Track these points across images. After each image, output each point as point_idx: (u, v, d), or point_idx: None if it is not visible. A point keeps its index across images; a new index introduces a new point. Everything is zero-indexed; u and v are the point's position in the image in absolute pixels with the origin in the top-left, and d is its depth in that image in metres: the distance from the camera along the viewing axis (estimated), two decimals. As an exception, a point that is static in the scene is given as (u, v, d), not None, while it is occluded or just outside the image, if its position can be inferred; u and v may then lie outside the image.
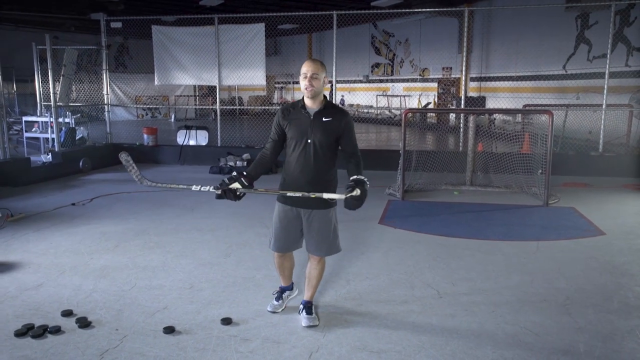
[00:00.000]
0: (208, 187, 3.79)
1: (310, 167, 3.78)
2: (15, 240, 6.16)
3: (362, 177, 3.71)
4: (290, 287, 4.40)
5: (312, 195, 3.69)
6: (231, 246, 5.96)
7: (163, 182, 4.15)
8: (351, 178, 3.72)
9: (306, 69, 3.66)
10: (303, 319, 4.04)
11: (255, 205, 7.63)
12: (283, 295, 4.34)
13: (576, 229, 6.82)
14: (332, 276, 5.04)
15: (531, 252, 5.81)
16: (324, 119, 3.74)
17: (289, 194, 3.75)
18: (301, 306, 4.14)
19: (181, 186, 4.07)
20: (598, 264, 5.43)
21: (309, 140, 3.74)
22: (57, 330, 3.82)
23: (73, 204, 7.99)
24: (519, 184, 8.89)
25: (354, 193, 3.61)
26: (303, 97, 3.78)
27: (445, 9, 15.50)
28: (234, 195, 3.69)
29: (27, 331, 3.79)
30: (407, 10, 15.88)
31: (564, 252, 5.79)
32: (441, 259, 5.58)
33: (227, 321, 4.01)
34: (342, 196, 3.66)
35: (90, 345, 3.65)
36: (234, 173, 3.75)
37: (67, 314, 4.10)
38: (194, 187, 3.86)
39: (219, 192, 3.68)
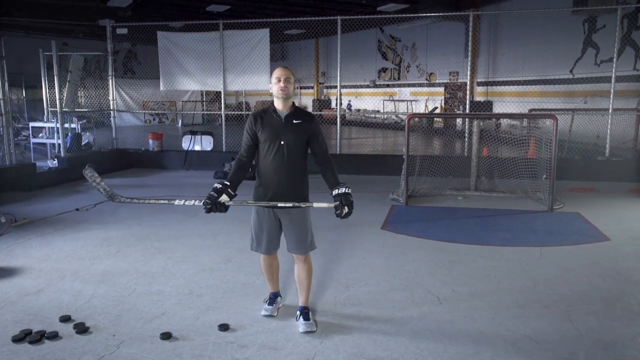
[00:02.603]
0: (193, 201, 3.91)
1: (285, 166, 3.92)
2: (19, 245, 6.18)
3: (344, 188, 3.88)
4: (279, 294, 4.46)
5: (303, 205, 3.90)
6: (232, 252, 5.95)
7: (142, 198, 4.15)
8: (334, 193, 3.89)
9: (279, 73, 3.91)
10: (300, 325, 4.05)
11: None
12: (276, 300, 4.39)
13: (581, 234, 6.76)
14: (332, 282, 5.02)
15: (534, 257, 5.76)
16: (294, 121, 3.94)
17: (280, 204, 3.87)
18: (298, 312, 4.17)
19: (162, 201, 4.14)
20: (602, 270, 5.37)
21: (282, 142, 3.90)
22: (54, 336, 3.83)
23: (77, 210, 8.02)
24: (523, 189, 8.83)
25: (345, 211, 3.82)
26: (273, 102, 3.99)
27: (451, 14, 15.48)
28: (224, 208, 3.80)
29: (25, 337, 3.80)
30: (414, 15, 15.85)
31: (567, 258, 5.73)
32: (443, 264, 5.54)
33: (224, 327, 4.00)
34: (332, 205, 3.84)
35: (86, 351, 3.65)
36: (217, 185, 3.81)
37: (66, 319, 4.11)
38: (176, 202, 3.98)
39: (209, 206, 3.75)
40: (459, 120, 17.91)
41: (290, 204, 3.84)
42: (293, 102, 4.06)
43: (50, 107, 13.42)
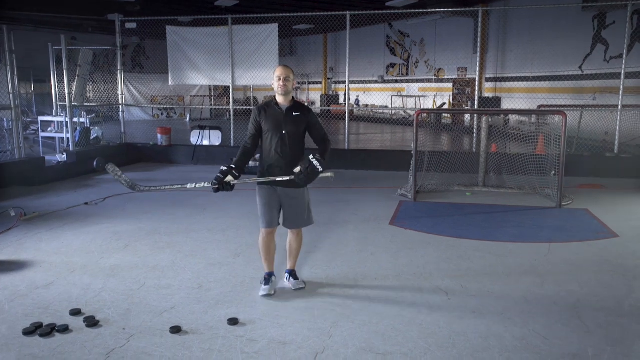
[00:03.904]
0: (203, 183, 4.42)
1: (286, 152, 4.47)
2: (28, 239, 6.22)
3: (315, 161, 4.28)
4: (274, 273, 4.77)
5: (279, 178, 4.42)
6: (241, 246, 5.98)
7: (158, 185, 4.63)
8: (308, 158, 4.33)
9: (280, 73, 4.46)
10: (291, 284, 4.72)
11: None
12: (271, 279, 4.69)
13: (589, 231, 6.75)
14: (341, 277, 5.04)
15: (542, 254, 5.75)
16: (294, 114, 4.51)
17: (278, 178, 4.41)
18: (287, 274, 4.81)
19: (176, 186, 4.67)
20: (610, 266, 5.36)
21: (284, 131, 4.46)
22: (64, 329, 3.86)
23: (86, 204, 8.06)
24: (532, 185, 8.80)
25: (296, 170, 4.31)
26: (275, 97, 4.54)
27: (460, 9, 15.41)
28: (230, 187, 4.30)
29: (36, 330, 3.83)
30: (422, 10, 15.80)
31: (576, 255, 5.72)
32: (451, 260, 5.54)
33: (233, 321, 4.01)
34: (327, 174, 4.41)
35: (97, 345, 3.68)
36: (223, 168, 4.29)
37: (76, 313, 4.14)
38: (189, 185, 4.49)
39: (216, 186, 4.24)
40: (467, 116, 17.90)
41: (287, 177, 4.35)
42: (292, 97, 4.63)
43: (59, 101, 13.46)
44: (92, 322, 3.95)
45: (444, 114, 20.26)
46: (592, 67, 15.31)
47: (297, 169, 4.29)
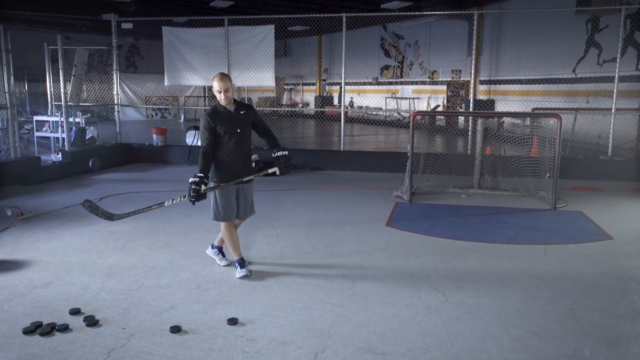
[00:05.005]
0: (179, 197, 4.81)
1: (242, 150, 4.96)
2: (25, 238, 6.22)
3: (284, 152, 5.00)
4: (243, 257, 5.20)
5: (262, 174, 5.02)
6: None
7: (136, 210, 5.07)
8: (275, 155, 5.01)
9: (219, 86, 4.80)
10: (224, 261, 5.34)
11: (264, 209, 7.67)
12: (245, 263, 5.11)
13: (584, 233, 6.80)
14: (338, 278, 5.06)
15: (538, 255, 5.80)
16: (241, 113, 4.95)
17: (245, 179, 4.94)
18: (217, 250, 5.39)
19: (154, 206, 4.99)
20: (605, 268, 5.41)
21: (238, 130, 4.89)
22: (64, 329, 3.87)
23: (82, 204, 8.02)
24: (527, 187, 8.86)
25: (279, 154, 4.98)
26: (218, 103, 4.92)
27: (456, 12, 15.48)
28: (205, 196, 4.69)
29: (36, 329, 3.84)
30: (417, 12, 15.85)
31: (571, 256, 5.77)
32: (447, 261, 5.58)
33: (233, 321, 4.04)
34: (276, 169, 4.96)
35: (97, 344, 3.69)
36: (195, 179, 4.61)
37: (75, 312, 4.15)
38: (166, 203, 4.87)
39: (193, 199, 4.60)
40: (461, 119, 17.97)
41: (252, 176, 4.95)
42: (234, 99, 5.01)
43: (54, 100, 13.43)
44: (92, 322, 3.96)
45: (437, 116, 20.31)
46: (586, 70, 15.41)
47: (274, 169, 4.93)
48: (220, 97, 4.83)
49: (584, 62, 15.59)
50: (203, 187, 4.63)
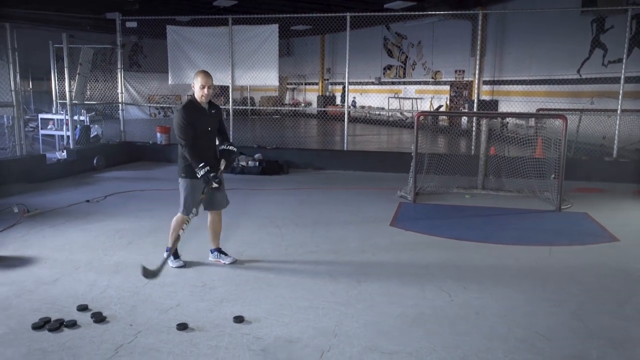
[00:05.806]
0: (191, 214, 4.98)
1: (213, 145, 5.23)
2: (32, 235, 6.24)
3: (230, 145, 5.28)
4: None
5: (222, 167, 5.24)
6: (243, 245, 6.01)
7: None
8: (221, 148, 5.25)
9: (205, 81, 4.97)
10: (226, 259, 5.40)
11: (267, 207, 7.69)
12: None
13: (589, 234, 6.80)
14: (344, 276, 5.07)
15: (543, 257, 5.80)
16: (212, 111, 5.17)
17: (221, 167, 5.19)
18: (216, 253, 5.46)
19: (184, 226, 5.00)
20: (611, 270, 5.41)
21: (210, 128, 5.13)
22: (73, 324, 3.88)
23: (87, 201, 8.07)
24: (531, 188, 8.85)
25: (226, 147, 5.27)
26: (194, 98, 5.05)
27: (460, 12, 15.46)
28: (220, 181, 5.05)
29: (44, 324, 3.86)
30: (420, 12, 15.84)
31: (576, 258, 5.77)
32: (452, 262, 5.59)
33: (239, 319, 4.05)
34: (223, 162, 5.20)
35: (105, 340, 3.70)
36: (205, 169, 4.90)
37: (83, 308, 4.17)
38: (191, 216, 5.00)
39: (217, 184, 4.93)
40: (464, 119, 17.96)
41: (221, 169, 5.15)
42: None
43: (59, 99, 13.45)
44: (99, 318, 3.98)
45: (440, 117, 20.30)
46: (590, 71, 15.38)
47: (223, 163, 5.17)
48: (203, 92, 4.96)
49: (589, 63, 15.55)
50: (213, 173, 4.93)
